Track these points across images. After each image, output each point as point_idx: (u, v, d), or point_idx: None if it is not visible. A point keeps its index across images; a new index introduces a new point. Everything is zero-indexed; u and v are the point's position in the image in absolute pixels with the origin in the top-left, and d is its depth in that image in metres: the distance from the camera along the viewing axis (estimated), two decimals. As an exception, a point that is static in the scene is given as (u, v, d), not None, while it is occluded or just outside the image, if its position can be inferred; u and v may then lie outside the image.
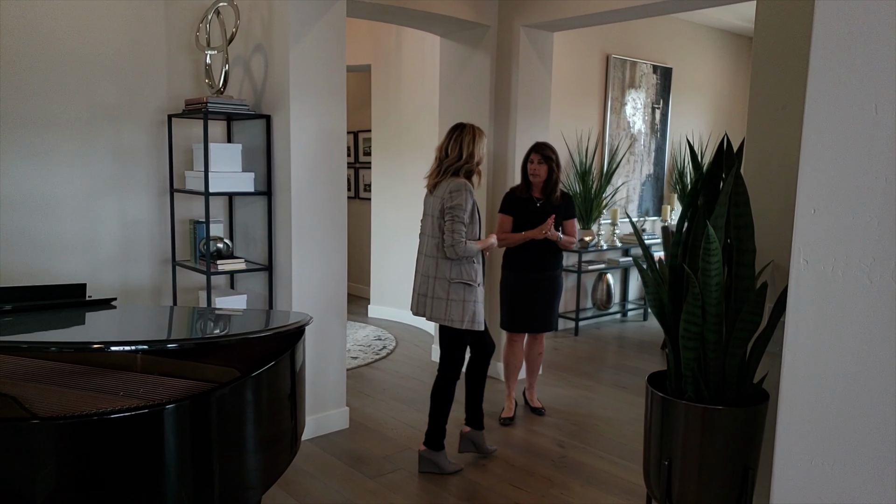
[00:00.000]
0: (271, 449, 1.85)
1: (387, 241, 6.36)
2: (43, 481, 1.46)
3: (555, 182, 3.81)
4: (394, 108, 6.16)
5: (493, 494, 3.10)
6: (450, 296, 3.13)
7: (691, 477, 1.59)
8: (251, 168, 3.67)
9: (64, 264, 3.53)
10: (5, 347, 1.85)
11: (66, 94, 3.45)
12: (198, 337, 1.80)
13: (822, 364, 1.27)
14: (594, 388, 4.59)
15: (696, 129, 7.25)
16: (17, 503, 1.44)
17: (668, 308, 1.64)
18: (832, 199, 1.24)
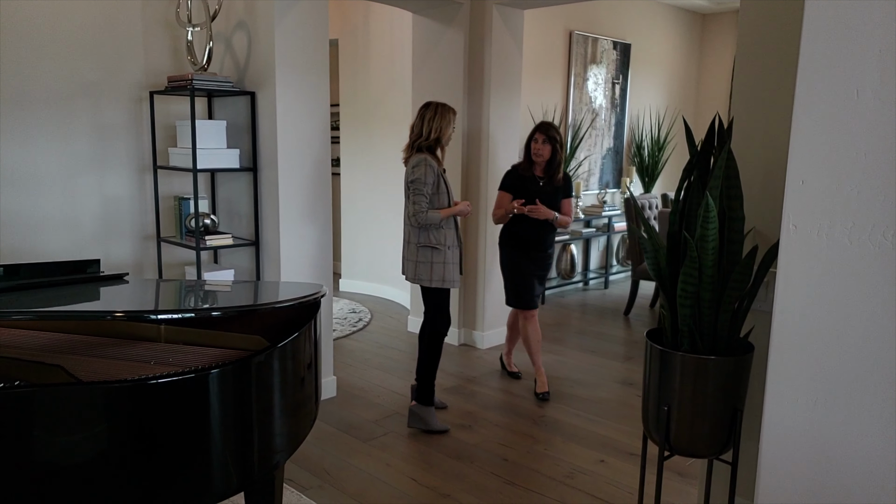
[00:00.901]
0: (298, 413, 1.98)
1: (357, 215, 6.45)
2: (97, 441, 1.56)
3: (558, 163, 3.88)
4: (362, 83, 6.21)
5: (481, 452, 3.29)
6: (418, 258, 3.45)
7: (686, 420, 1.79)
8: (236, 144, 3.71)
9: (46, 241, 3.53)
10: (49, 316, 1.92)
11: (43, 70, 3.41)
12: (238, 305, 1.90)
13: (808, 315, 1.47)
14: (564, 353, 4.83)
15: (652, 103, 7.51)
16: (74, 462, 1.53)
17: (666, 271, 1.82)
18: (818, 171, 1.42)
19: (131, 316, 1.93)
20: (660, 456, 1.87)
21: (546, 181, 3.91)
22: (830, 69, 1.39)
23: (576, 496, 2.90)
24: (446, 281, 3.45)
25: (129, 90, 3.72)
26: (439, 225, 3.42)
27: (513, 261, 3.98)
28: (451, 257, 3.45)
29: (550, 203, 3.87)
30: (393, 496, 2.88)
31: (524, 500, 2.86)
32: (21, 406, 1.49)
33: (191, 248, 3.58)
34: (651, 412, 1.88)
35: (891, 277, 1.36)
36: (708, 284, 1.72)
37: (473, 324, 4.90)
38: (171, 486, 1.63)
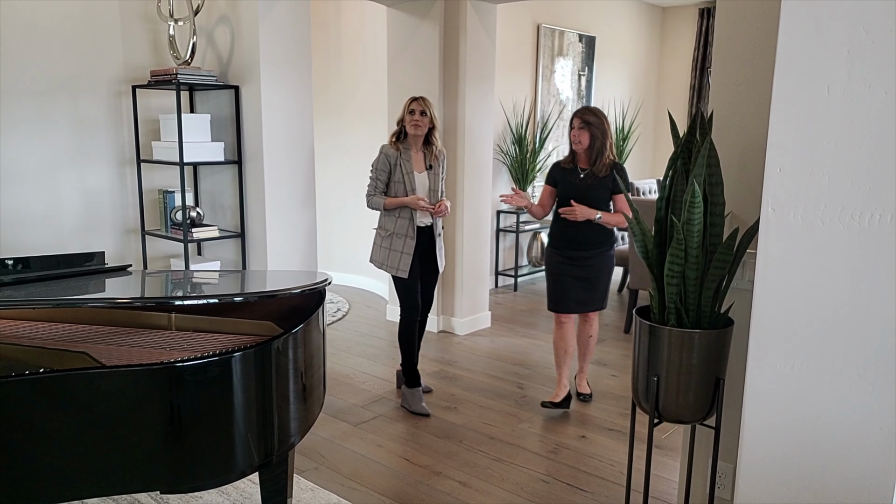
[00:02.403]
0: (311, 397, 2.08)
1: (332, 206, 6.50)
2: (130, 421, 1.64)
3: (598, 150, 3.44)
4: (335, 75, 6.26)
5: (468, 431, 3.43)
6: (374, 240, 3.66)
7: (673, 388, 1.96)
8: (219, 138, 3.76)
9: (28, 236, 3.53)
10: (75, 304, 1.98)
11: (20, 64, 3.41)
12: (262, 291, 1.99)
13: (785, 289, 1.63)
14: (538, 337, 4.99)
15: (617, 94, 7.72)
16: (110, 440, 1.62)
17: (654, 253, 1.98)
18: (794, 160, 1.58)
19: (159, 303, 2.01)
20: (650, 423, 2.03)
21: (588, 173, 3.48)
22: (804, 67, 1.55)
23: (562, 470, 3.06)
24: (389, 267, 3.57)
25: (109, 84, 3.73)
26: (391, 211, 3.55)
27: (549, 259, 3.66)
28: (397, 245, 3.55)
29: (592, 198, 3.45)
30: (387, 475, 3.00)
31: (513, 475, 3.01)
32: (61, 390, 1.56)
33: (177, 240, 3.62)
34: (640, 383, 2.04)
35: (858, 254, 1.53)
36: (693, 264, 1.88)
37: (452, 311, 5.03)
38: (199, 462, 1.72)
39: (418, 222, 3.56)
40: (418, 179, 3.56)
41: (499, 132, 6.21)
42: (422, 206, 3.50)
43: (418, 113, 3.51)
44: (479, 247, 5.05)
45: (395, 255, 3.55)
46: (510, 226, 6.44)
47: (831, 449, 1.62)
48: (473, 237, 4.99)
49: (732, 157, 2.09)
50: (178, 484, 1.73)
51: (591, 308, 3.66)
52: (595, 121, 3.41)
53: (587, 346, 3.79)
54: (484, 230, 5.11)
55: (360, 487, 2.90)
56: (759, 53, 1.99)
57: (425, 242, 3.61)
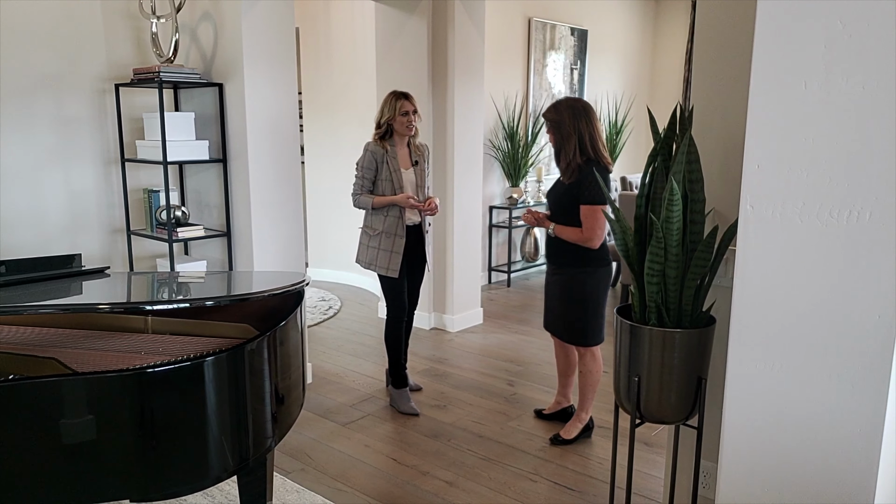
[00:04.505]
0: (288, 398, 2.05)
1: (323, 203, 6.47)
2: (100, 428, 1.61)
3: (557, 151, 3.03)
4: (325, 71, 6.22)
5: (457, 430, 3.41)
6: (360, 240, 3.62)
7: (655, 389, 1.93)
8: (203, 136, 3.72)
9: (12, 236, 3.49)
10: (43, 310, 1.95)
11: (2, 64, 3.36)
12: (232, 294, 1.96)
13: (764, 287, 1.60)
14: (530, 333, 4.97)
15: (610, 88, 7.68)
16: (79, 448, 1.59)
17: (634, 251, 1.95)
18: (772, 156, 1.55)
19: (127, 308, 1.98)
20: (631, 423, 2.01)
21: (561, 179, 3.09)
22: (781, 62, 1.51)
23: (549, 468, 3.04)
24: (375, 266, 3.52)
25: (92, 82, 3.68)
26: (378, 210, 3.49)
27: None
28: (383, 244, 3.50)
29: (561, 206, 3.07)
30: (374, 475, 2.98)
31: (501, 474, 2.99)
32: (27, 398, 1.53)
33: (162, 240, 3.59)
34: (622, 383, 2.01)
35: (836, 251, 1.50)
36: (673, 263, 1.85)
37: (444, 308, 5.01)
38: (172, 469, 1.70)
39: (406, 221, 3.52)
40: (405, 176, 3.52)
41: (490, 127, 6.17)
42: (411, 203, 3.44)
43: (412, 113, 3.46)
44: (470, 242, 5.02)
45: (385, 254, 3.50)
46: (503, 221, 6.41)
47: (812, 448, 1.59)
48: (464, 233, 4.95)
49: (714, 153, 2.06)
50: (151, 491, 1.70)
51: (555, 332, 3.27)
52: (555, 118, 2.97)
53: (581, 380, 3.26)
54: (475, 226, 5.07)
55: (346, 489, 2.88)
56: (740, 48, 1.96)
57: (413, 241, 3.57)
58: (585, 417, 3.31)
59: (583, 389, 3.28)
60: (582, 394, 3.29)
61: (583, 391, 3.28)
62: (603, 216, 2.86)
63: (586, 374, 3.23)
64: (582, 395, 3.29)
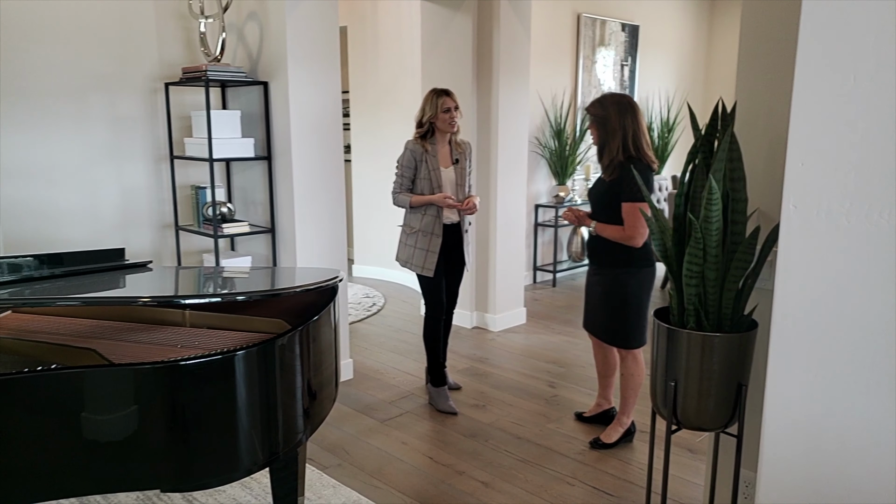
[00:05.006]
0: (320, 393, 2.06)
1: (368, 201, 6.52)
2: (133, 418, 1.65)
3: (601, 148, 2.94)
4: (372, 69, 6.26)
5: (495, 431, 3.38)
6: (399, 238, 3.62)
7: (693, 395, 1.86)
8: (249, 134, 3.78)
9: (67, 232, 3.62)
10: (93, 302, 2.01)
11: (60, 64, 3.48)
12: (260, 290, 1.98)
13: (807, 291, 1.52)
14: (574, 334, 4.89)
15: (661, 85, 7.50)
16: (113, 438, 1.63)
17: (672, 252, 1.88)
18: (817, 153, 1.47)
19: (162, 301, 2.02)
20: (667, 430, 1.94)
21: (602, 176, 3.02)
22: (828, 55, 1.43)
23: (587, 472, 2.98)
24: (413, 265, 3.52)
25: (144, 82, 3.79)
26: (416, 209, 3.48)
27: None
28: (420, 242, 3.49)
29: (601, 205, 3.01)
30: (410, 473, 2.98)
31: (537, 476, 2.95)
32: (65, 387, 1.57)
33: (209, 235, 3.67)
34: (659, 388, 1.95)
35: (886, 255, 1.41)
36: (712, 264, 1.78)
37: (486, 307, 4.98)
38: (202, 460, 1.72)
39: (445, 220, 3.50)
40: (445, 175, 3.49)
41: (537, 125, 6.10)
42: (449, 203, 3.41)
43: (454, 109, 3.43)
44: (513, 241, 4.98)
45: (421, 253, 3.49)
46: (549, 220, 6.34)
47: (855, 460, 1.50)
48: (507, 231, 4.91)
49: (759, 150, 1.97)
50: (182, 482, 1.73)
51: (596, 334, 3.19)
52: (600, 114, 2.88)
53: (623, 383, 3.17)
54: (518, 224, 5.02)
55: (381, 485, 2.88)
56: (786, 40, 1.87)
57: (451, 240, 3.54)
58: (627, 422, 3.24)
59: (624, 393, 3.20)
60: (623, 398, 3.21)
61: (624, 395, 3.20)
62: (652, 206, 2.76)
63: (628, 377, 3.16)
64: (623, 399, 3.21)
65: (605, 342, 3.21)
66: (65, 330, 2.07)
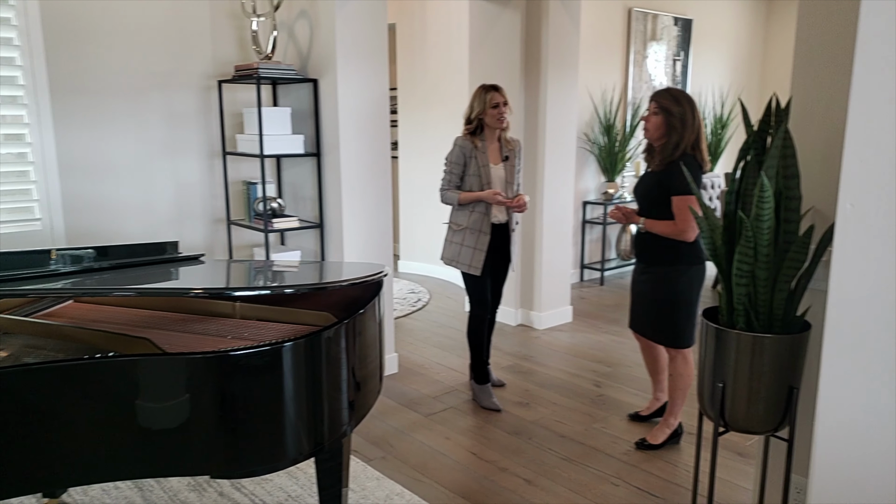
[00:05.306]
0: (364, 386, 2.09)
1: (414, 197, 6.56)
2: (184, 407, 1.70)
3: (674, 144, 2.81)
4: (420, 66, 6.28)
5: (538, 428, 3.36)
6: (445, 236, 3.59)
7: (742, 396, 1.82)
8: (299, 130, 3.85)
9: (124, 225, 3.75)
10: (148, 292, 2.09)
11: (118, 62, 3.60)
12: (307, 283, 2.03)
13: (863, 293, 1.47)
14: (622, 334, 4.83)
15: (715, 80, 7.32)
16: (163, 425, 1.68)
17: (722, 250, 1.84)
18: (875, 151, 1.42)
19: (213, 293, 2.08)
20: (714, 431, 1.90)
21: (651, 169, 2.97)
22: (888, 47, 1.38)
23: (633, 473, 2.94)
24: (460, 263, 3.50)
25: (199, 80, 3.89)
26: (464, 206, 3.46)
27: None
28: (467, 240, 3.46)
29: (649, 199, 2.96)
30: (453, 468, 2.99)
31: (581, 475, 2.92)
32: (122, 374, 1.64)
33: (259, 230, 3.75)
34: (706, 389, 1.91)
35: (950, 256, 1.36)
36: (763, 263, 1.73)
37: (531, 304, 4.95)
38: (250, 449, 1.76)
39: (493, 219, 3.48)
40: (494, 172, 3.47)
41: (585, 120, 6.04)
42: (498, 200, 3.38)
43: (503, 105, 3.41)
44: (560, 239, 4.94)
45: (468, 251, 3.47)
46: (597, 217, 6.27)
47: (915, 472, 1.45)
48: (554, 228, 4.88)
49: (815, 147, 1.91)
50: (230, 469, 1.78)
51: (642, 332, 3.15)
52: (677, 109, 2.79)
53: (671, 384, 3.13)
54: (565, 221, 4.98)
55: (424, 479, 2.90)
56: (845, 35, 1.81)
57: (498, 238, 3.53)
58: (674, 423, 3.18)
59: (672, 394, 3.15)
60: (671, 398, 3.16)
61: (672, 396, 3.15)
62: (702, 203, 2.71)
63: (676, 377, 3.10)
64: (671, 399, 3.16)
65: (653, 341, 3.15)
66: (121, 319, 2.15)
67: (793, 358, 1.79)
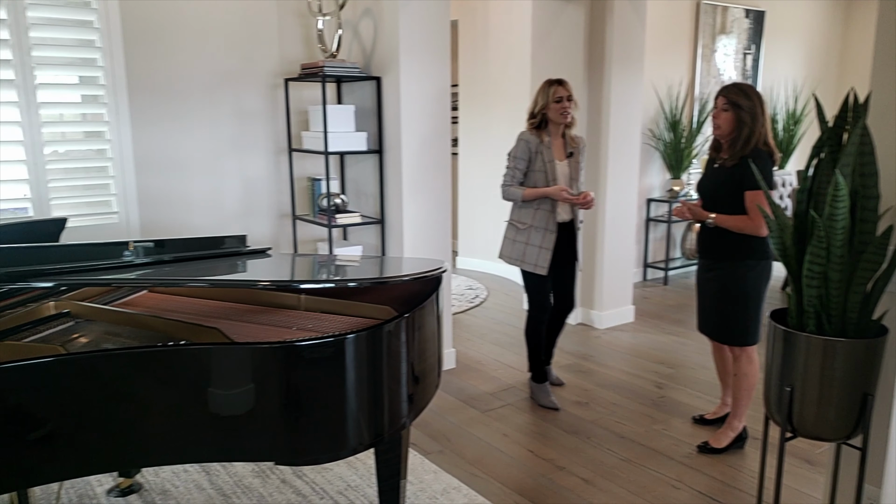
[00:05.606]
0: (423, 381, 2.11)
1: (474, 194, 6.57)
2: (251, 394, 1.76)
3: (745, 138, 2.78)
4: (481, 63, 6.29)
5: (597, 428, 3.33)
6: (506, 234, 3.53)
7: (811, 402, 1.76)
8: (363, 128, 3.91)
9: (194, 218, 3.89)
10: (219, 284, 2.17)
11: (191, 62, 3.73)
12: (369, 277, 2.07)
13: (947, 297, 1.40)
14: (685, 335, 4.72)
15: (788, 74, 7.06)
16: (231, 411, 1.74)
17: (792, 250, 1.78)
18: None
19: (280, 286, 2.14)
20: (781, 437, 1.84)
21: (721, 165, 2.92)
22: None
23: (695, 476, 2.88)
24: (525, 263, 3.43)
25: (266, 78, 3.99)
26: (528, 203, 3.40)
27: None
28: (535, 239, 3.40)
29: (719, 195, 2.91)
30: (510, 465, 2.99)
31: (641, 476, 2.88)
32: (193, 362, 1.71)
33: (323, 225, 3.83)
34: (773, 393, 1.85)
35: None
36: (836, 265, 1.67)
37: (591, 303, 4.90)
38: (312, 437, 1.81)
39: (558, 217, 3.44)
40: (559, 168, 3.41)
41: (650, 116, 5.92)
42: (565, 197, 3.33)
43: (566, 99, 3.34)
44: (622, 237, 4.86)
45: (533, 250, 3.42)
46: (661, 215, 6.14)
47: None
48: (616, 226, 4.80)
49: (894, 143, 1.82)
50: (293, 456, 1.83)
51: (709, 333, 3.08)
52: (747, 104, 2.75)
53: (735, 384, 3.06)
54: (628, 219, 4.90)
55: (481, 475, 2.91)
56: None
57: (562, 237, 3.47)
58: (738, 426, 3.10)
59: (737, 395, 3.06)
60: (735, 399, 3.07)
61: (737, 397, 3.06)
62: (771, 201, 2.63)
63: (741, 377, 3.01)
64: (736, 401, 3.07)
65: (718, 341, 3.07)
66: (192, 309, 2.24)
67: (867, 363, 1.72)
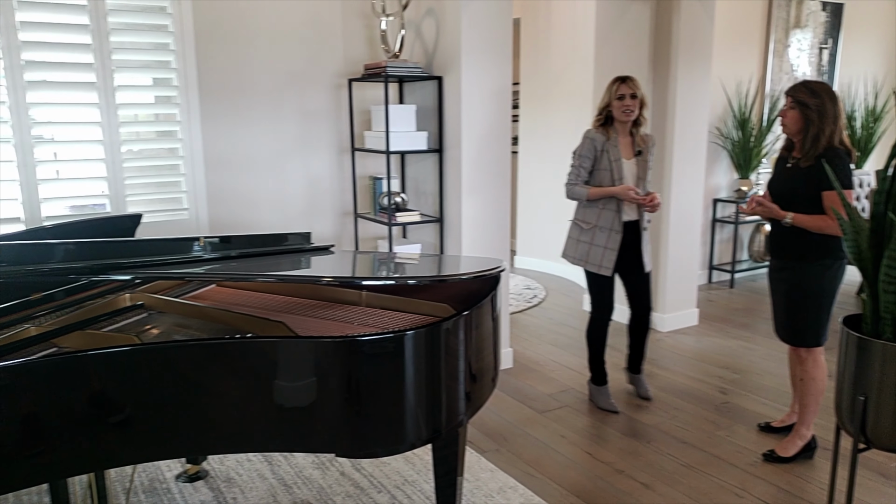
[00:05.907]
0: (481, 380, 2.12)
1: (534, 193, 6.53)
2: (315, 387, 1.80)
3: (813, 137, 2.74)
4: (543, 61, 6.24)
5: (657, 433, 3.26)
6: (570, 234, 3.49)
7: (888, 412, 1.68)
8: (423, 127, 3.94)
9: (261, 216, 4.01)
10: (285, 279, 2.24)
11: (258, 62, 3.84)
12: (429, 275, 2.09)
13: None
14: (752, 339, 4.58)
15: (868, 70, 6.74)
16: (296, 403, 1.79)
17: (868, 254, 1.71)
18: None
19: (342, 282, 2.19)
20: (854, 447, 1.77)
21: (795, 164, 2.86)
22: None
23: (759, 485, 2.79)
24: (590, 263, 3.37)
25: (330, 78, 4.07)
26: (593, 203, 3.34)
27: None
28: (599, 239, 3.33)
29: (794, 194, 2.82)
30: (567, 466, 2.97)
31: (702, 483, 2.81)
32: (260, 354, 1.76)
33: (383, 223, 3.88)
34: (845, 402, 1.78)
35: None
36: (917, 269, 1.59)
37: (654, 306, 4.78)
38: (372, 431, 1.84)
39: (624, 216, 3.38)
40: (626, 167, 3.33)
41: (717, 114, 5.75)
42: (632, 196, 3.25)
43: (628, 97, 3.26)
44: (687, 238, 4.75)
45: (598, 250, 3.36)
46: (728, 216, 5.96)
47: None
48: (681, 227, 4.69)
49: (984, 141, 1.72)
50: (355, 449, 1.86)
51: (780, 335, 2.98)
52: (813, 102, 2.71)
53: (802, 389, 2.96)
54: (694, 220, 4.77)
55: (537, 475, 2.90)
56: None
57: (628, 238, 3.39)
58: (807, 434, 2.98)
59: (804, 400, 2.95)
60: (803, 405, 2.96)
61: (804, 402, 2.95)
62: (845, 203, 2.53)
63: (809, 381, 2.90)
64: (803, 407, 2.96)
65: (786, 342, 2.96)
66: (257, 303, 2.31)
67: (949, 373, 1.63)
